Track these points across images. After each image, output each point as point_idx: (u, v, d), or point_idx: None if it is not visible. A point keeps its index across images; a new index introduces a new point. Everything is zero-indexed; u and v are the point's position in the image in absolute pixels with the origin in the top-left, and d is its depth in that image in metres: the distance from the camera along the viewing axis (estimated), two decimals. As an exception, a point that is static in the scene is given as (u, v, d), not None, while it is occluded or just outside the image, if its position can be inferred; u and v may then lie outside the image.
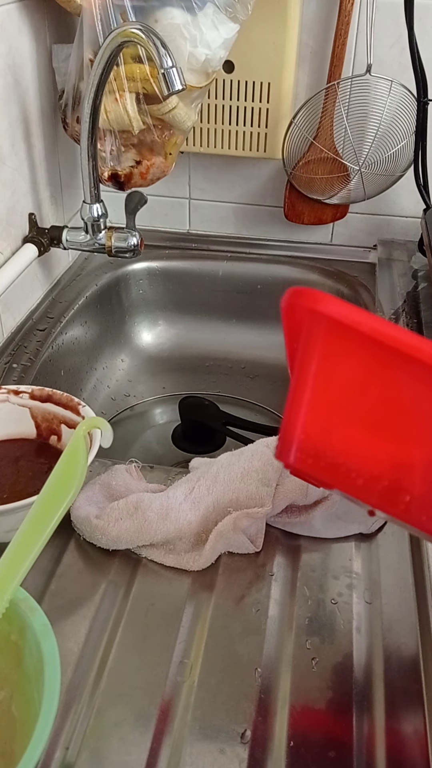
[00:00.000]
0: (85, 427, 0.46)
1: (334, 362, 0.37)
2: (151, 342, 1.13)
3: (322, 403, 0.37)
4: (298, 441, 0.38)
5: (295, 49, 0.95)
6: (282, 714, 0.45)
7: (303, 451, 0.38)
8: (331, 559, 0.56)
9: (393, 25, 0.94)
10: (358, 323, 0.34)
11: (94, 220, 0.88)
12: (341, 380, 0.37)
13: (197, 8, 0.80)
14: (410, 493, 0.37)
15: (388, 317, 0.92)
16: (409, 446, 0.37)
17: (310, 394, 0.37)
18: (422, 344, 0.34)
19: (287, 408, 0.38)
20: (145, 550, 0.56)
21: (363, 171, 1.00)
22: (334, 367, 0.37)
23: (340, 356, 0.36)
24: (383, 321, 0.35)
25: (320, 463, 0.38)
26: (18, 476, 0.60)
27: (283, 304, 0.37)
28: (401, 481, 0.37)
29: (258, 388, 1.08)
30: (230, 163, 1.09)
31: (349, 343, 0.35)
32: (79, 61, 0.83)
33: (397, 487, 0.38)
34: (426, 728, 0.44)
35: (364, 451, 0.38)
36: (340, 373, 0.37)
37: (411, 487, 0.37)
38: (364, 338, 0.34)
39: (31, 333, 0.89)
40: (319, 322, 0.36)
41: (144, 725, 0.44)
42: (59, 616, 0.50)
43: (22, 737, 0.38)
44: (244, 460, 0.59)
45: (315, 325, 0.36)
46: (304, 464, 0.38)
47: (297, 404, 0.37)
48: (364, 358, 0.36)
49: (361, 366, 0.36)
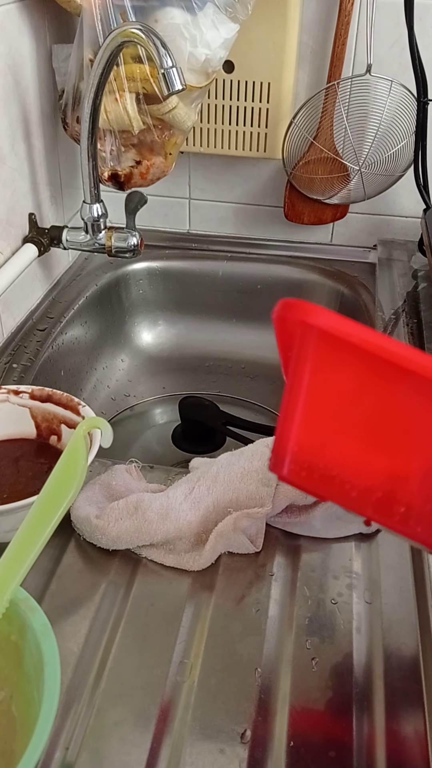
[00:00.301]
0: (85, 427, 0.46)
1: (326, 374, 0.36)
2: (151, 342, 1.13)
3: (315, 415, 0.37)
4: (291, 453, 0.38)
5: (295, 49, 0.95)
6: (282, 714, 0.45)
7: (296, 463, 0.38)
8: (331, 559, 0.56)
9: (393, 25, 0.94)
10: (349, 335, 0.34)
11: (94, 220, 0.88)
12: (334, 392, 0.37)
13: (197, 8, 0.80)
14: (405, 505, 0.37)
15: (388, 317, 0.92)
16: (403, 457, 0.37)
17: (303, 406, 0.37)
18: (414, 356, 0.34)
19: (280, 420, 0.38)
20: (145, 550, 0.56)
21: (363, 171, 1.00)
22: (327, 379, 0.37)
23: (332, 368, 0.36)
24: (375, 332, 0.35)
25: (314, 475, 0.38)
26: (18, 476, 0.60)
27: (275, 315, 0.37)
28: (396, 492, 0.37)
29: (258, 388, 1.08)
30: (230, 163, 1.09)
31: (341, 354, 0.35)
32: (79, 61, 0.83)
33: (391, 498, 0.37)
34: (426, 728, 0.44)
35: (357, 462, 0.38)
36: (332, 384, 0.37)
37: (406, 498, 0.37)
38: (355, 350, 0.34)
39: (31, 333, 0.89)
40: (310, 334, 0.36)
41: (144, 725, 0.44)
42: (59, 616, 0.50)
43: (22, 737, 0.38)
44: (244, 460, 0.59)
45: (306, 337, 0.36)
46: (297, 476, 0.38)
47: (290, 416, 0.37)
48: (356, 369, 0.36)
49: (353, 377, 0.36)
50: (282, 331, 0.37)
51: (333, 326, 0.35)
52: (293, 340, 0.37)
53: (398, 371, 0.34)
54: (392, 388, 0.36)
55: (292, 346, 0.37)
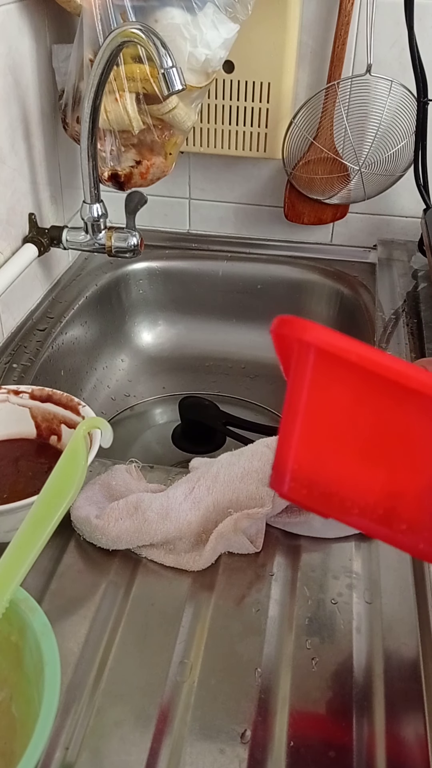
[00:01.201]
0: (85, 427, 0.46)
1: (324, 390, 0.36)
2: (151, 342, 1.13)
3: (314, 432, 0.37)
4: (291, 471, 0.38)
5: (295, 49, 0.95)
6: (282, 714, 0.45)
7: (297, 480, 0.38)
8: (331, 559, 0.56)
9: (393, 25, 0.94)
10: (346, 351, 0.34)
11: (94, 220, 0.88)
12: (332, 408, 0.37)
13: (197, 8, 0.80)
14: (406, 521, 0.37)
15: (388, 317, 0.92)
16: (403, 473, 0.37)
17: (302, 423, 0.37)
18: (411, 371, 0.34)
19: (280, 437, 0.38)
20: (145, 550, 0.56)
21: (363, 171, 1.00)
22: (325, 396, 0.37)
23: (330, 384, 0.36)
24: (371, 348, 0.35)
25: (314, 493, 0.38)
26: (18, 476, 0.60)
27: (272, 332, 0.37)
28: (397, 509, 0.37)
29: (258, 388, 1.08)
30: (230, 163, 1.09)
31: (338, 371, 0.35)
32: (79, 61, 0.83)
33: (392, 515, 0.37)
34: (426, 728, 0.44)
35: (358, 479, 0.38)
36: (330, 401, 0.37)
37: (407, 515, 0.37)
38: (352, 366, 0.34)
39: (31, 333, 0.89)
40: (307, 351, 0.36)
41: (144, 725, 0.44)
42: (59, 616, 0.50)
43: (22, 737, 0.38)
44: (244, 460, 0.59)
45: (303, 354, 0.36)
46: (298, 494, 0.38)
47: (289, 433, 0.37)
48: (353, 385, 0.36)
49: (351, 394, 0.36)
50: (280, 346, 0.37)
51: (329, 343, 0.35)
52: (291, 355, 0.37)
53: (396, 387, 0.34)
54: (390, 403, 0.36)
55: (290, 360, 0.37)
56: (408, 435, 0.36)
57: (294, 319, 0.35)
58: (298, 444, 0.37)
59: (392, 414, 0.36)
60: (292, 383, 0.37)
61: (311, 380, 0.36)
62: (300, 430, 0.37)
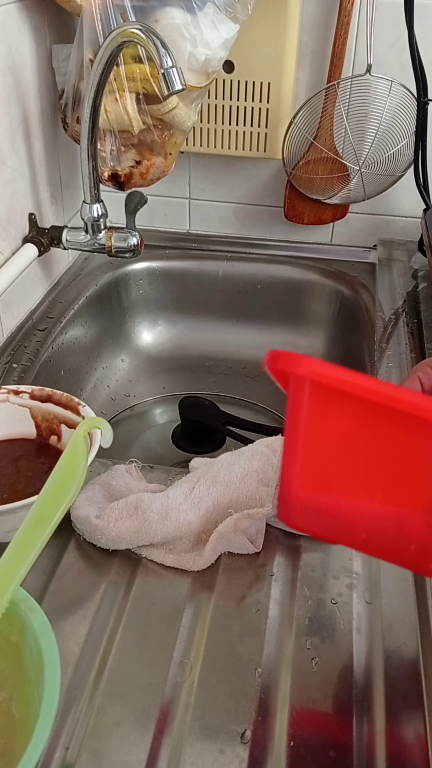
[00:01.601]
0: (85, 427, 0.46)
1: (322, 419, 0.37)
2: (151, 342, 1.13)
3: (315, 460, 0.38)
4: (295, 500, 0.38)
5: (295, 49, 0.95)
6: (282, 714, 0.45)
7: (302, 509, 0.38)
8: (331, 559, 0.56)
9: (393, 25, 0.94)
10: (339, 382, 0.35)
11: (94, 220, 0.88)
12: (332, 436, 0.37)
13: (197, 8, 0.80)
14: (415, 542, 0.38)
15: (388, 317, 0.92)
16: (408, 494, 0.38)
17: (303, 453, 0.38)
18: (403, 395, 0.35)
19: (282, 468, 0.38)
20: (145, 550, 0.56)
21: (363, 171, 1.00)
22: (323, 424, 0.37)
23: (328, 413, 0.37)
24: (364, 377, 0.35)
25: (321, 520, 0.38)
26: (18, 476, 0.60)
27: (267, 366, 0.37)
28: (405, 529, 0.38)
29: (258, 388, 1.08)
30: (230, 163, 1.09)
31: (334, 400, 0.36)
32: (79, 61, 0.83)
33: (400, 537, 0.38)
34: (426, 728, 0.44)
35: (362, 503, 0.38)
36: (329, 429, 0.37)
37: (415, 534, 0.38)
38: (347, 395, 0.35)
39: (31, 333, 0.89)
40: (302, 384, 0.36)
41: (144, 725, 0.44)
42: (59, 616, 0.50)
43: (22, 737, 0.38)
44: (244, 460, 0.59)
45: (298, 387, 0.36)
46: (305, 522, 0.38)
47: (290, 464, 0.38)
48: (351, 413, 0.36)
49: (349, 421, 0.37)
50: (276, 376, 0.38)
51: (323, 375, 0.35)
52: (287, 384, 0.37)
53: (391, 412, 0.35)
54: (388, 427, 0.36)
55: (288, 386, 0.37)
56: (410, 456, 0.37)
57: (286, 354, 0.36)
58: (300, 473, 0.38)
59: (392, 438, 0.36)
60: (290, 414, 0.37)
61: (308, 411, 0.37)
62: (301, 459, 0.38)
